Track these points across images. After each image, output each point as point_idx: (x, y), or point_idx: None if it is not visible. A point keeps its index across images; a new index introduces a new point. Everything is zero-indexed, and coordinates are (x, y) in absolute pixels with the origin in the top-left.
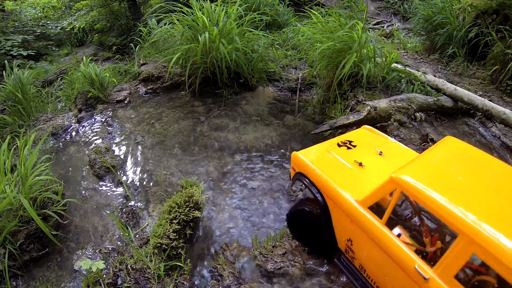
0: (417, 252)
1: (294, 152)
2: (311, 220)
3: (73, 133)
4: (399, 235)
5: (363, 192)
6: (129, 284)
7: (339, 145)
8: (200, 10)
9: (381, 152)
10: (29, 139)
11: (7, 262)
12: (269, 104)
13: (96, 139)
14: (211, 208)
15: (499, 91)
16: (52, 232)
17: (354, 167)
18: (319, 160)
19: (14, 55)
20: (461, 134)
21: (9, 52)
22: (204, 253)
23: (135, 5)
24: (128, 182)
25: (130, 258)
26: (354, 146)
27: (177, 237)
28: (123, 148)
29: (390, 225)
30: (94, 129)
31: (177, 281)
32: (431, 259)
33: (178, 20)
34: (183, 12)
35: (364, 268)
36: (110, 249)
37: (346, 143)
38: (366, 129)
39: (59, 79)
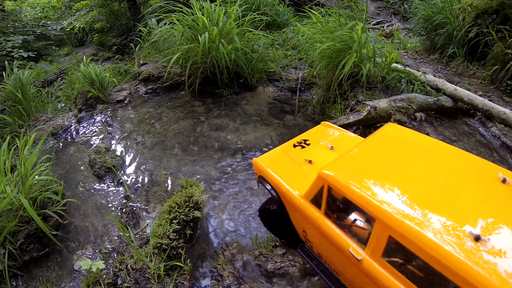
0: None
1: (254, 159)
2: (275, 217)
3: (73, 133)
4: (355, 220)
5: (307, 187)
6: (129, 284)
7: (294, 146)
8: (200, 10)
9: (332, 147)
10: (29, 139)
11: (7, 262)
12: (269, 104)
13: (96, 139)
14: (211, 208)
15: (499, 91)
16: (52, 232)
17: (304, 165)
18: (274, 162)
19: (14, 56)
20: (461, 134)
21: (9, 54)
22: (204, 253)
23: (135, 5)
24: (128, 182)
25: (130, 258)
26: (308, 145)
27: (177, 237)
28: (123, 148)
29: (347, 211)
30: (94, 129)
31: (177, 281)
32: (366, 242)
33: (178, 20)
34: (183, 12)
35: (320, 254)
36: (110, 249)
37: (301, 142)
38: (323, 126)
39: (59, 79)
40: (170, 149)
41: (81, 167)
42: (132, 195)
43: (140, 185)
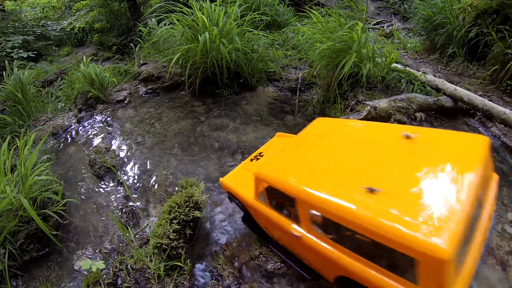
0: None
1: (220, 179)
2: (249, 221)
3: (73, 133)
4: (288, 205)
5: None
6: (129, 284)
7: (251, 160)
8: (200, 10)
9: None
10: (29, 139)
11: (7, 262)
12: (269, 104)
13: (96, 139)
14: (211, 208)
15: (499, 91)
16: (52, 232)
17: None
18: (236, 178)
19: (14, 57)
20: None
21: (9, 54)
22: (204, 253)
23: (135, 5)
24: (128, 182)
25: (130, 258)
26: (262, 156)
27: (177, 237)
28: (123, 148)
29: (284, 199)
30: (94, 129)
31: (177, 281)
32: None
33: (178, 20)
34: (183, 12)
35: (283, 244)
36: (110, 249)
37: (257, 155)
38: (278, 137)
39: (59, 79)
40: (170, 149)
41: (81, 167)
42: (132, 195)
43: (140, 185)
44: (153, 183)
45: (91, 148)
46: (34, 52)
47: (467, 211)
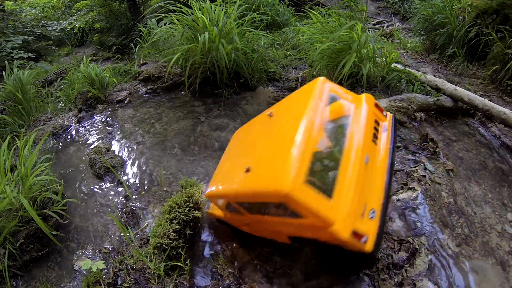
0: None
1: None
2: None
3: (73, 133)
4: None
5: None
6: (129, 284)
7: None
8: (200, 10)
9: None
10: (29, 139)
11: (7, 262)
12: (269, 104)
13: (96, 139)
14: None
15: (499, 91)
16: (52, 232)
17: None
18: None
19: (15, 57)
20: (461, 134)
21: (9, 54)
22: (204, 253)
23: (135, 5)
24: (128, 182)
25: (130, 258)
26: None
27: (177, 237)
28: (123, 148)
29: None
30: (94, 129)
31: (177, 281)
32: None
33: (178, 20)
34: (183, 12)
35: (261, 235)
36: (110, 249)
37: None
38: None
39: (59, 79)
40: (170, 149)
41: (81, 167)
42: (132, 195)
43: (140, 185)
44: (153, 183)
45: (91, 148)
46: (34, 53)
47: (303, 148)
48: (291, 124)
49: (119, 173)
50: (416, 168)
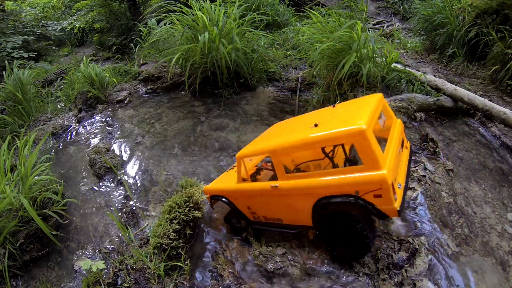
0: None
1: (204, 187)
2: (234, 218)
3: (73, 133)
4: (262, 170)
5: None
6: (129, 284)
7: (231, 168)
8: (200, 10)
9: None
10: (29, 139)
11: (7, 262)
12: (269, 104)
13: (96, 139)
14: (211, 208)
15: (499, 91)
16: (52, 232)
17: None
18: (219, 181)
19: (15, 57)
20: (461, 134)
21: (10, 54)
22: (204, 253)
23: (135, 5)
24: (128, 182)
25: (130, 258)
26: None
27: (177, 237)
28: (123, 148)
29: (258, 170)
30: (94, 129)
31: (177, 281)
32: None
33: (178, 20)
34: (183, 12)
35: (265, 215)
36: (110, 249)
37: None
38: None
39: (59, 79)
40: (170, 149)
41: (81, 167)
42: (132, 195)
43: (140, 185)
44: (153, 183)
45: (91, 148)
46: (34, 53)
47: (369, 113)
48: (355, 111)
49: (119, 173)
50: (416, 168)
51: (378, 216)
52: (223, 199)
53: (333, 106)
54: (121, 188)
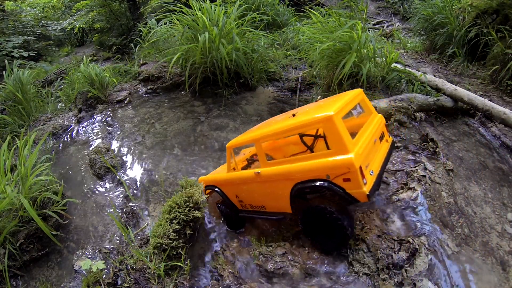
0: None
1: (199, 178)
2: (226, 208)
3: (73, 133)
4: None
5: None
6: (129, 284)
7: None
8: (200, 10)
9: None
10: (29, 139)
11: (7, 262)
12: (269, 104)
13: (96, 139)
14: (211, 208)
15: (499, 91)
16: (52, 232)
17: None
18: (214, 173)
19: (15, 56)
20: (461, 134)
21: (10, 54)
22: (204, 253)
23: (135, 5)
24: (128, 182)
25: (130, 258)
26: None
27: (177, 237)
28: (123, 148)
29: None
30: (94, 129)
31: (177, 281)
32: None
33: (178, 20)
34: (183, 12)
35: (251, 203)
36: (110, 249)
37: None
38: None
39: (59, 79)
40: (170, 149)
41: (81, 167)
42: (132, 195)
43: (140, 185)
44: (153, 183)
45: (91, 148)
46: (34, 52)
47: (341, 103)
48: (330, 103)
49: (119, 173)
50: (416, 168)
51: (350, 201)
52: (216, 189)
53: (316, 101)
54: (121, 188)
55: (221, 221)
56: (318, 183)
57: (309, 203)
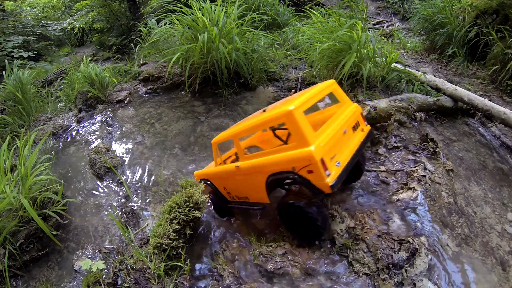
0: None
1: (195, 172)
2: (217, 199)
3: (73, 133)
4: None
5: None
6: (129, 284)
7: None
8: (200, 10)
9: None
10: (29, 139)
11: (7, 262)
12: (269, 104)
13: (96, 139)
14: (211, 208)
15: (499, 91)
16: (52, 232)
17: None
18: (208, 168)
19: (15, 56)
20: (461, 134)
21: (10, 54)
22: (204, 253)
23: (135, 5)
24: (128, 182)
25: (130, 258)
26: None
27: (177, 237)
28: (123, 148)
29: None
30: (94, 129)
31: (177, 281)
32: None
33: (178, 20)
34: (183, 12)
35: (236, 194)
36: (110, 249)
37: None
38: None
39: (59, 79)
40: (170, 149)
41: (81, 167)
42: (132, 195)
43: (140, 185)
44: (153, 183)
45: (91, 148)
46: (34, 52)
47: (304, 97)
48: (297, 96)
49: (119, 173)
50: (416, 168)
51: (316, 192)
52: (208, 182)
53: (291, 95)
54: (121, 188)
55: (221, 221)
56: (285, 175)
57: (283, 198)
